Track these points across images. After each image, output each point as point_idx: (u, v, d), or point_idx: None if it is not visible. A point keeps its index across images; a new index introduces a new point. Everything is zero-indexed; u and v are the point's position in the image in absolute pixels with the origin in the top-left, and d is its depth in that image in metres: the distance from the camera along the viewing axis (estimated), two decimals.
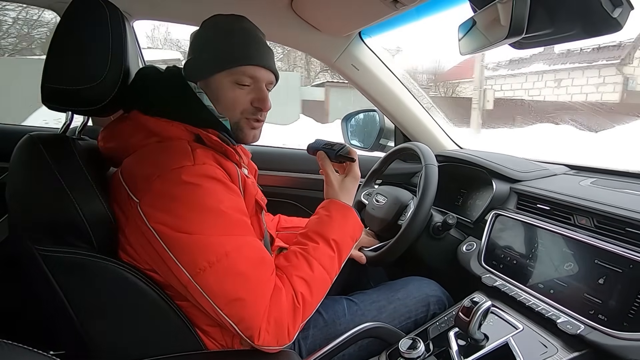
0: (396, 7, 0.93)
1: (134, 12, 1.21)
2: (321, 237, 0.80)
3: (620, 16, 0.56)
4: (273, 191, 1.44)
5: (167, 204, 0.66)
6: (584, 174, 1.12)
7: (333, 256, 0.79)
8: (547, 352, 0.71)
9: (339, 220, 0.83)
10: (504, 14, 0.62)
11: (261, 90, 0.81)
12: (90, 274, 0.68)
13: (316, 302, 0.75)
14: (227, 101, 0.79)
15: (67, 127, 0.80)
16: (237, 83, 0.79)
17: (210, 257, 0.65)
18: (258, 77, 0.80)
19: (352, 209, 0.87)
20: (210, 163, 0.71)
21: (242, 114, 0.81)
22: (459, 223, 1.12)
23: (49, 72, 0.70)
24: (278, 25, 1.22)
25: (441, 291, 1.05)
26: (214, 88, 0.79)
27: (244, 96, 0.80)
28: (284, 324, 0.68)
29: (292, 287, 0.72)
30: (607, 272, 0.71)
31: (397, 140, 1.56)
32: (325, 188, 0.90)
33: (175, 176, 0.67)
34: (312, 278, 0.74)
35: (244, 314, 0.66)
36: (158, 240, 0.66)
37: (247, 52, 0.79)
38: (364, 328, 0.89)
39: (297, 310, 0.70)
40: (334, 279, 0.79)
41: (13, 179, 0.71)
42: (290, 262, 0.76)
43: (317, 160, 0.93)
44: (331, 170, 0.91)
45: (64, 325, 0.69)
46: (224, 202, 0.69)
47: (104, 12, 0.72)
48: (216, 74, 0.78)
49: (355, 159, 0.91)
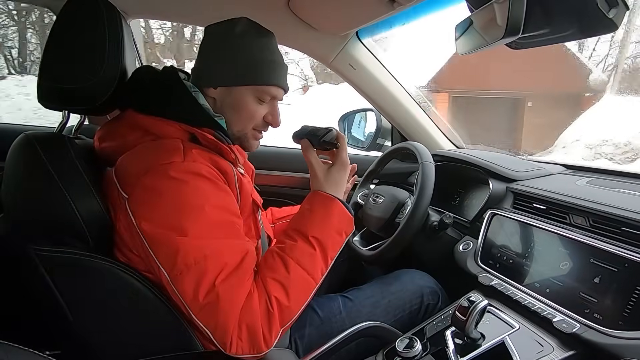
0: (393, 6, 0.93)
1: (131, 10, 1.20)
2: (300, 234, 0.76)
3: (616, 16, 0.57)
4: (270, 190, 1.44)
5: (152, 198, 0.66)
6: (579, 173, 1.13)
7: (313, 253, 0.74)
8: (543, 351, 0.71)
9: (321, 214, 0.78)
10: (501, 13, 0.62)
11: (275, 108, 0.83)
12: (86, 273, 0.68)
13: (296, 305, 0.70)
14: (246, 114, 0.81)
15: (64, 126, 0.80)
16: (259, 99, 0.80)
17: (188, 259, 0.63)
18: (277, 96, 0.82)
19: (337, 200, 0.81)
20: (201, 161, 0.70)
21: (254, 127, 0.83)
22: (456, 222, 1.12)
23: (45, 70, 0.70)
24: (275, 24, 1.21)
25: (434, 282, 1.06)
26: (236, 98, 0.80)
27: (260, 111, 0.81)
28: (257, 331, 0.65)
29: (266, 291, 0.68)
30: (603, 272, 0.72)
31: (394, 139, 1.56)
32: (310, 180, 0.86)
33: (163, 171, 0.66)
34: (288, 280, 0.70)
35: (216, 322, 0.63)
36: (142, 239, 0.65)
37: (277, 73, 0.81)
38: (360, 327, 0.89)
39: (271, 315, 0.66)
40: (320, 278, 0.75)
41: (8, 178, 0.70)
42: (266, 263, 0.73)
43: (301, 148, 0.88)
44: (315, 159, 0.86)
45: (59, 325, 0.69)
46: (209, 201, 0.67)
47: (100, 11, 0.71)
48: (242, 86, 0.79)
49: (342, 144, 0.87)
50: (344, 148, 0.87)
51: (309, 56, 1.38)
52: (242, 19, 0.80)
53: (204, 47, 0.82)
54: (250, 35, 0.79)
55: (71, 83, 0.70)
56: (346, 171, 0.86)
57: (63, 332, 0.70)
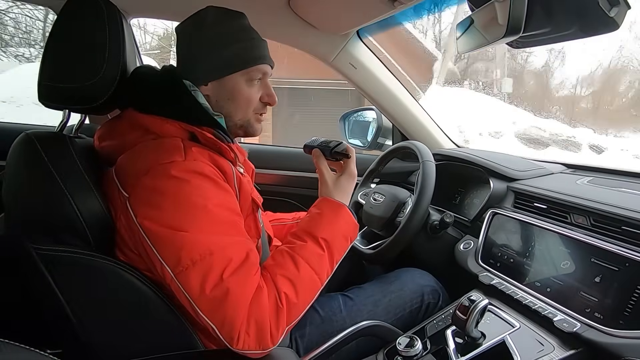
0: (394, 5, 0.93)
1: (131, 9, 1.20)
2: (310, 235, 0.77)
3: (617, 15, 0.57)
4: (271, 190, 1.44)
5: (154, 198, 0.66)
6: (580, 172, 1.13)
7: (322, 255, 0.75)
8: (543, 350, 0.71)
9: (330, 218, 0.80)
10: (502, 12, 0.62)
11: (268, 86, 0.83)
12: (87, 272, 0.68)
13: (303, 303, 0.71)
14: (244, 100, 0.80)
15: (64, 125, 0.80)
16: (250, 80, 0.80)
17: (194, 255, 0.63)
18: (267, 72, 0.82)
19: (345, 207, 0.84)
20: (202, 160, 0.70)
21: (254, 111, 0.83)
22: (457, 221, 1.12)
23: (46, 70, 0.70)
24: (275, 23, 1.22)
25: (434, 281, 1.06)
26: (229, 88, 0.79)
27: (255, 93, 0.81)
28: (265, 326, 0.65)
29: (276, 286, 0.68)
30: (603, 271, 0.72)
31: (395, 139, 1.56)
32: (320, 187, 0.88)
33: (164, 171, 0.66)
34: (297, 277, 0.70)
35: (224, 316, 0.63)
36: (144, 237, 0.65)
37: (261, 51, 0.81)
38: (361, 326, 0.89)
39: (280, 311, 0.66)
40: (325, 279, 0.76)
41: (9, 177, 0.70)
42: (275, 260, 0.73)
43: (312, 158, 0.91)
44: (325, 168, 0.88)
45: (61, 324, 0.69)
46: (212, 200, 0.67)
47: (101, 10, 0.71)
48: (232, 75, 0.79)
49: (351, 156, 0.89)
50: (353, 160, 0.90)
51: (310, 55, 1.37)
52: (207, 8, 0.80)
53: (181, 48, 0.81)
54: (223, 22, 0.79)
55: (72, 82, 0.70)
56: (354, 181, 0.89)
57: (64, 331, 0.70)
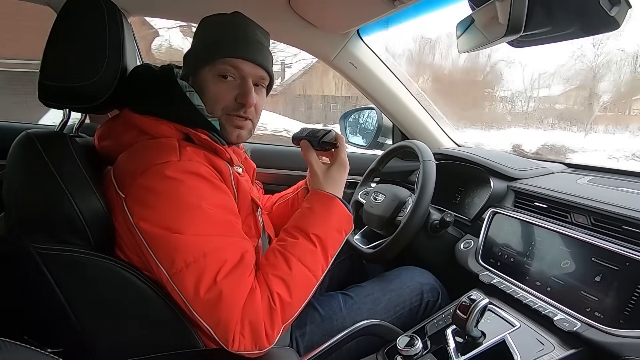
0: (394, 4, 0.93)
1: (131, 8, 1.20)
2: (301, 231, 0.76)
3: (618, 14, 0.56)
4: (271, 189, 1.44)
5: (149, 198, 0.65)
6: (581, 172, 1.13)
7: (314, 251, 0.74)
8: (543, 349, 0.71)
9: (321, 212, 0.79)
10: (502, 12, 0.62)
11: (246, 86, 0.77)
12: (87, 271, 0.68)
13: (297, 301, 0.70)
14: (210, 95, 0.77)
15: (65, 124, 0.80)
16: (220, 75, 0.76)
17: (188, 257, 0.63)
18: (242, 69, 0.77)
19: (337, 199, 0.82)
20: (197, 160, 0.70)
21: (223, 110, 0.78)
22: (457, 221, 1.12)
23: (46, 69, 0.70)
24: (276, 22, 1.22)
25: (434, 279, 1.06)
26: (199, 82, 0.78)
27: (227, 91, 0.77)
28: (260, 327, 0.65)
29: (268, 287, 0.68)
30: (604, 270, 0.72)
31: (396, 138, 1.56)
32: (310, 179, 0.86)
33: (159, 171, 0.66)
34: (290, 277, 0.70)
35: (219, 318, 0.63)
36: (141, 237, 0.65)
37: (232, 44, 0.76)
38: (361, 326, 0.89)
39: (274, 311, 0.66)
40: (320, 275, 0.75)
41: (10, 176, 0.70)
42: (268, 260, 0.73)
43: (301, 150, 0.89)
44: (315, 160, 0.86)
45: (61, 323, 0.69)
46: (206, 200, 0.67)
47: (101, 9, 0.71)
48: (202, 69, 0.78)
49: (341, 145, 0.87)
50: (343, 148, 0.87)
51: (311, 54, 1.37)
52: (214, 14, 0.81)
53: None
54: (210, 21, 0.80)
55: (72, 81, 0.70)
56: (345, 170, 0.87)
57: (64, 329, 0.70)
